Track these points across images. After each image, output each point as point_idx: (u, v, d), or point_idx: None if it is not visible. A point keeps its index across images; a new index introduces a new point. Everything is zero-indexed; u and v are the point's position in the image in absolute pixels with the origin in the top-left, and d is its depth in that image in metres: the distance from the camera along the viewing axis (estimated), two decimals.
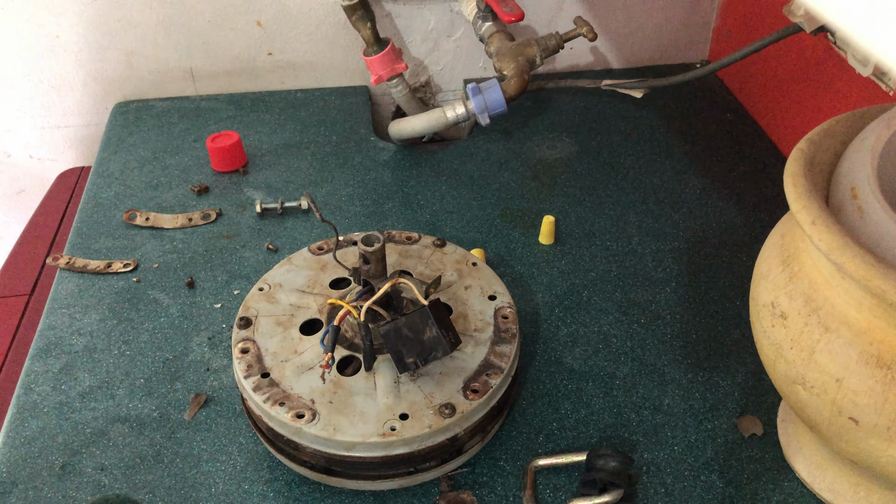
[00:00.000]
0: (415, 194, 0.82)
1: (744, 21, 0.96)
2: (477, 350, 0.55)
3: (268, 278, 0.61)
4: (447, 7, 0.95)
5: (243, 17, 0.92)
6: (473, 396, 0.52)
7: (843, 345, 0.43)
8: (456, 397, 0.52)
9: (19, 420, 0.59)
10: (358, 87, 0.99)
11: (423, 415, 0.51)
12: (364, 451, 0.50)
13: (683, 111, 0.95)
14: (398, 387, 0.52)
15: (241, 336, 0.56)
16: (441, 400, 0.52)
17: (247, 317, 0.58)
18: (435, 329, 0.50)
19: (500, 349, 0.55)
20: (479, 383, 0.53)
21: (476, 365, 0.54)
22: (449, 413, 0.51)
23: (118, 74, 0.94)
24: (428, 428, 0.50)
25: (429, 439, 0.51)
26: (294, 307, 0.58)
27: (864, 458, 0.45)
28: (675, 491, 0.54)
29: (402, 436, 0.50)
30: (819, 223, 0.41)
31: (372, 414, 0.51)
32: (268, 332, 0.56)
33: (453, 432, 0.51)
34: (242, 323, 0.57)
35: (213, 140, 0.84)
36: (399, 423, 0.50)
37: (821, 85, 0.80)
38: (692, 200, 0.81)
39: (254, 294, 0.60)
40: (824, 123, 0.49)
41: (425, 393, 0.52)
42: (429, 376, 0.53)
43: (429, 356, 0.51)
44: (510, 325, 0.57)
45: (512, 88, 0.79)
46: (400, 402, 0.52)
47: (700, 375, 0.62)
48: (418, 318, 0.51)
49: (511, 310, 0.58)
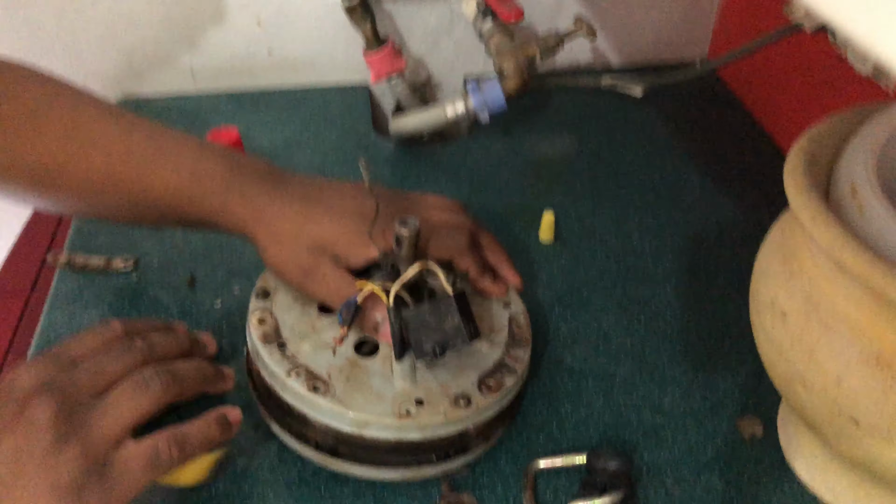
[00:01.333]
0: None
1: (744, 19, 0.96)
2: (492, 350, 0.56)
3: None
4: (447, 6, 0.95)
5: (243, 14, 0.92)
6: (488, 392, 0.52)
7: (844, 344, 0.43)
8: (471, 390, 0.52)
9: None
10: (358, 85, 0.98)
11: (439, 402, 0.51)
12: (377, 430, 0.50)
13: (683, 109, 0.95)
14: (415, 373, 0.53)
15: (258, 305, 0.56)
16: (457, 391, 0.52)
17: (265, 288, 0.57)
18: (457, 318, 0.51)
19: (515, 353, 0.56)
20: (493, 380, 0.53)
21: (491, 364, 0.55)
22: (465, 404, 0.51)
23: (118, 71, 0.94)
24: (443, 416, 0.50)
25: (442, 428, 0.51)
26: None
27: (864, 459, 0.45)
28: (676, 492, 0.54)
29: (418, 420, 0.50)
30: (819, 220, 0.41)
31: (388, 395, 0.51)
32: (286, 306, 0.56)
33: (465, 425, 0.52)
34: (261, 293, 0.57)
35: (214, 136, 0.83)
36: (415, 408, 0.50)
37: (821, 84, 0.80)
38: (692, 198, 0.81)
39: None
40: (825, 120, 0.49)
41: (441, 382, 0.52)
42: (444, 367, 0.53)
43: (447, 345, 0.51)
44: (524, 332, 0.58)
45: (512, 86, 0.79)
46: (416, 388, 0.52)
47: (700, 375, 0.62)
48: (443, 305, 0.51)
49: (525, 317, 0.59)
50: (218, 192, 0.55)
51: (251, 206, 0.55)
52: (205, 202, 0.55)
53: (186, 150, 0.56)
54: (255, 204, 0.55)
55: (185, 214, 0.56)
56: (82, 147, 0.55)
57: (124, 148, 0.55)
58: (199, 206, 0.56)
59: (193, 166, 0.55)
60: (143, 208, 0.57)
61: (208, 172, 0.55)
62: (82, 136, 0.55)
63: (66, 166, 0.55)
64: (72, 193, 0.56)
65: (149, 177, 0.55)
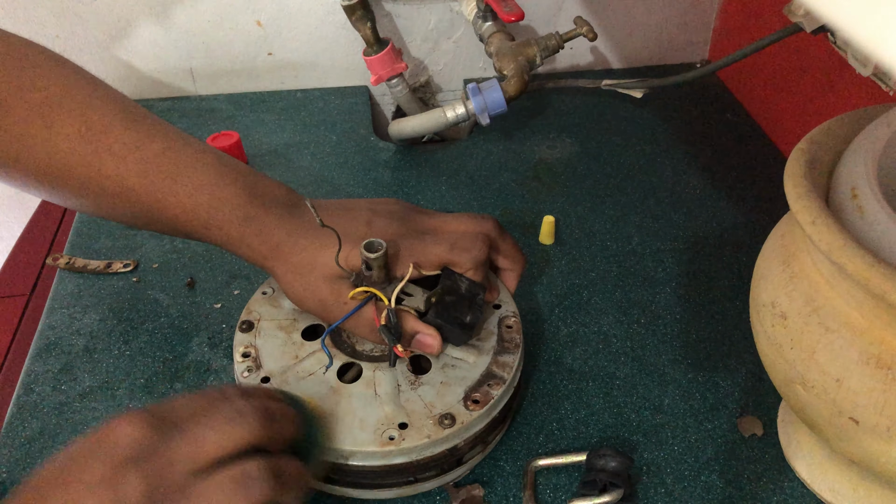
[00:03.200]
0: (415, 194, 0.82)
1: (744, 20, 0.96)
2: (479, 359, 0.55)
3: (272, 282, 0.60)
4: (447, 7, 0.95)
5: (243, 16, 0.92)
6: (474, 407, 0.51)
7: (844, 345, 0.43)
8: (456, 408, 0.51)
9: (19, 420, 0.59)
10: (358, 87, 0.99)
11: (423, 424, 0.50)
12: (362, 459, 0.50)
13: (683, 111, 0.95)
14: (399, 395, 0.52)
15: (242, 340, 0.56)
16: (441, 410, 0.51)
17: (249, 320, 0.57)
18: (465, 279, 0.53)
19: (503, 359, 0.55)
20: (479, 394, 0.52)
21: (478, 375, 0.54)
22: (449, 423, 0.50)
23: (118, 74, 0.94)
24: (427, 438, 0.50)
25: (427, 450, 0.50)
26: (297, 311, 0.58)
27: (864, 459, 0.45)
28: (676, 491, 0.54)
29: (401, 445, 0.49)
30: (819, 223, 0.41)
31: (371, 421, 0.50)
32: (270, 336, 0.56)
33: (453, 443, 0.51)
34: (245, 326, 0.57)
35: (214, 140, 0.84)
36: (398, 433, 0.50)
37: (821, 85, 0.80)
38: (692, 200, 0.81)
39: (257, 297, 0.59)
40: (824, 123, 0.49)
41: (426, 402, 0.52)
42: (430, 385, 0.53)
43: (476, 304, 0.53)
44: (514, 334, 0.57)
45: (512, 88, 0.79)
46: (400, 412, 0.51)
47: (700, 375, 0.62)
48: (447, 279, 0.53)
49: (515, 319, 0.58)
50: (236, 222, 0.54)
51: (270, 241, 0.54)
52: (222, 230, 0.54)
53: (205, 169, 0.54)
54: (273, 239, 0.54)
55: (198, 235, 0.55)
56: (95, 152, 0.53)
57: (139, 159, 0.53)
58: (216, 233, 0.54)
59: (212, 191, 0.54)
60: (154, 222, 0.56)
61: (228, 200, 0.54)
62: (95, 139, 0.53)
63: (76, 169, 0.53)
64: (81, 194, 0.55)
65: (163, 194, 0.54)
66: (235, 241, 0.55)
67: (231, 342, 0.64)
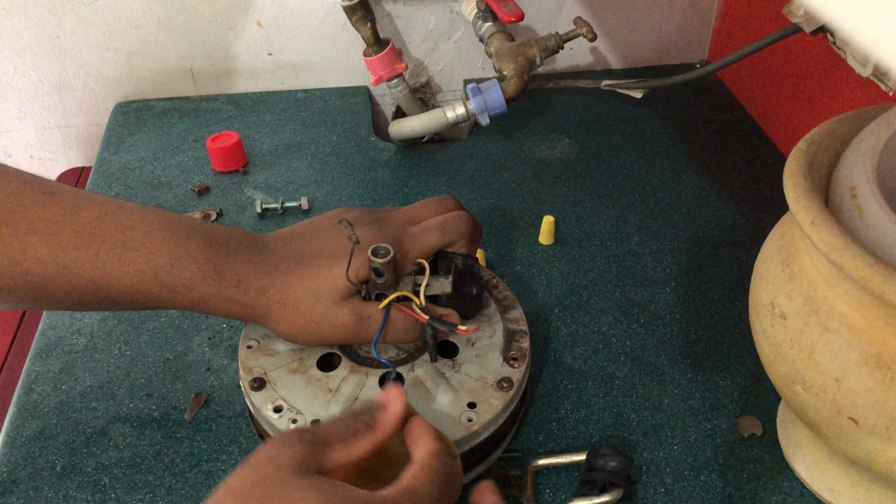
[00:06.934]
0: (415, 194, 0.82)
1: (744, 21, 0.96)
2: (493, 323, 0.57)
3: (249, 333, 0.56)
4: (447, 7, 0.95)
5: (243, 17, 0.92)
6: (517, 364, 0.54)
7: (843, 345, 0.43)
8: (504, 369, 0.54)
9: (20, 420, 0.59)
10: (358, 88, 0.99)
11: (487, 396, 0.52)
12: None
13: (683, 111, 0.95)
14: (449, 381, 0.53)
15: (264, 397, 0.52)
16: (495, 377, 0.53)
17: (259, 377, 0.53)
18: (457, 255, 0.55)
19: (511, 315, 0.58)
20: (514, 350, 0.55)
21: (501, 336, 0.56)
22: (507, 386, 0.53)
23: (119, 75, 0.94)
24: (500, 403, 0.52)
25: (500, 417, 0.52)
26: (296, 351, 0.55)
27: (863, 458, 0.45)
28: (675, 490, 0.54)
29: (482, 420, 0.51)
30: (819, 223, 0.41)
31: (444, 413, 0.51)
32: (288, 384, 0.53)
33: (514, 404, 0.53)
34: (256, 385, 0.52)
35: (214, 140, 0.84)
36: (472, 413, 0.51)
37: (821, 85, 0.81)
38: (692, 200, 0.81)
39: (246, 354, 0.55)
40: (824, 123, 0.49)
41: (476, 377, 0.53)
42: (469, 362, 0.55)
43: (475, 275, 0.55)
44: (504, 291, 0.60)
45: (512, 89, 0.80)
46: (461, 395, 0.52)
47: (699, 375, 0.62)
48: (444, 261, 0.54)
49: (495, 280, 0.61)
50: (208, 278, 0.49)
51: (253, 287, 0.50)
52: (194, 290, 0.49)
53: (152, 229, 0.49)
54: (256, 284, 0.50)
55: (161, 303, 0.50)
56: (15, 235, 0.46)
57: (73, 232, 0.47)
58: (184, 294, 0.49)
59: (170, 250, 0.48)
60: (103, 299, 0.49)
61: (191, 256, 0.49)
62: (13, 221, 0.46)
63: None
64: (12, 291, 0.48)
65: (111, 265, 0.48)
66: (211, 299, 0.50)
67: (231, 342, 0.64)
